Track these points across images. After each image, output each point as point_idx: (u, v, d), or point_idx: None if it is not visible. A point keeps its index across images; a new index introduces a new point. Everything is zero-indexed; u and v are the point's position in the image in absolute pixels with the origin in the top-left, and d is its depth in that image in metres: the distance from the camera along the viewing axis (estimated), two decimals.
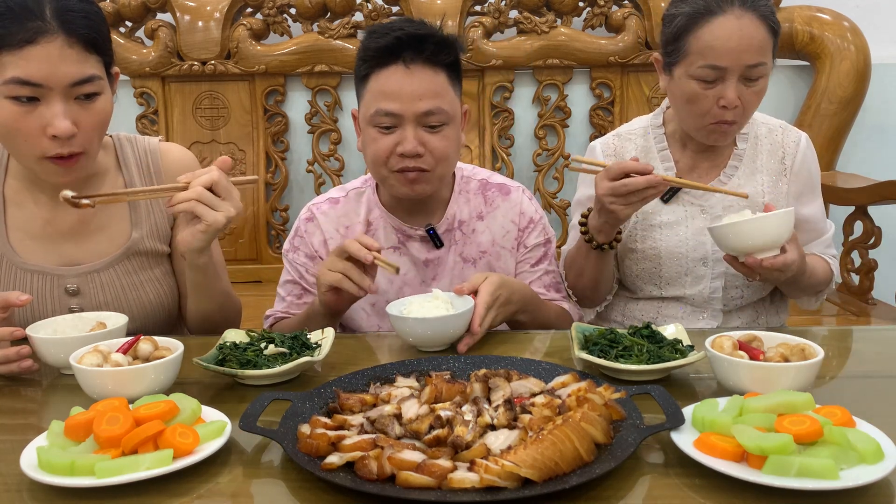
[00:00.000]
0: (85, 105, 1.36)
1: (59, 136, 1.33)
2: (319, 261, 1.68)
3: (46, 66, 1.30)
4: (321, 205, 1.73)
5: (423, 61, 1.52)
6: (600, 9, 2.91)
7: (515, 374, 1.15)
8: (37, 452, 0.96)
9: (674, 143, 1.77)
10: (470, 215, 1.71)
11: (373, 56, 1.53)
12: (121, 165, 1.58)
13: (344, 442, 0.96)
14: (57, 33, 1.30)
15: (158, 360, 1.17)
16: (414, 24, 1.56)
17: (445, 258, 1.69)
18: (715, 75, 1.57)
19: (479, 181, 1.74)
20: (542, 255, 1.74)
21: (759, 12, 1.56)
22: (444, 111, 1.54)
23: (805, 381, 1.10)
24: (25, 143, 1.36)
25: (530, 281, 1.72)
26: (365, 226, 1.70)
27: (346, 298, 1.50)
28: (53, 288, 1.50)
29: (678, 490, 0.92)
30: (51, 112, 1.33)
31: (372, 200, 1.70)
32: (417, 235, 1.68)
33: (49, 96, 1.32)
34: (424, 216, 1.69)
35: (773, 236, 1.46)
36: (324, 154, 3.02)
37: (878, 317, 2.58)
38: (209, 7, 2.87)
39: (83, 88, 1.34)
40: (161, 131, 2.95)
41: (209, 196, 1.32)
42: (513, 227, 1.72)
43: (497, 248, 1.71)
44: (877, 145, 3.09)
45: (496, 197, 1.73)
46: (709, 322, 1.77)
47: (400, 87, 1.51)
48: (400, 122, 1.53)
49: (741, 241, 1.46)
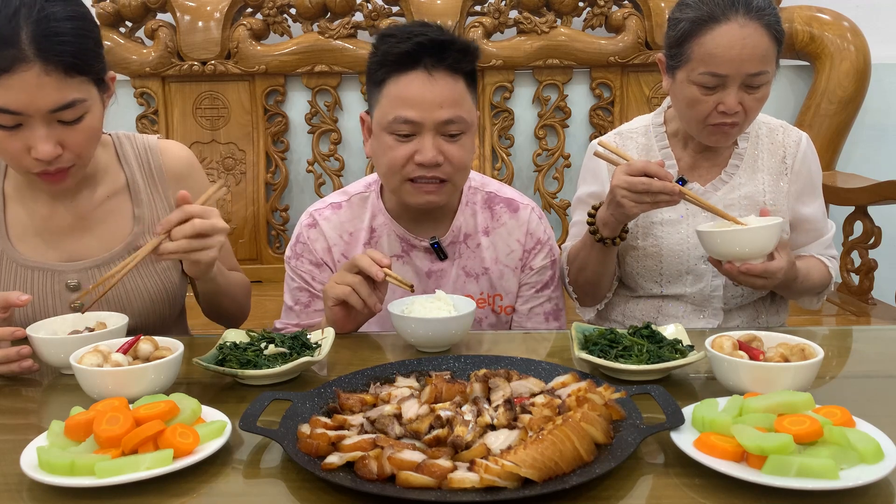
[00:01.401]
0: (70, 125, 1.34)
1: (42, 159, 1.33)
2: (325, 267, 1.66)
3: (24, 96, 1.28)
4: (323, 210, 1.69)
5: (444, 68, 1.48)
6: (600, 9, 2.91)
7: (515, 374, 1.15)
8: (37, 452, 0.96)
9: (675, 142, 1.77)
10: (476, 229, 1.68)
11: (393, 61, 1.49)
12: (121, 161, 1.58)
13: (344, 442, 0.96)
14: (33, 61, 1.26)
15: (158, 360, 1.17)
16: (433, 29, 1.51)
17: (449, 271, 1.67)
18: (716, 82, 1.57)
19: (486, 193, 1.71)
20: (549, 280, 1.72)
21: (763, 21, 1.55)
22: (463, 119, 1.51)
23: (805, 381, 1.10)
24: (12, 161, 1.37)
25: (532, 307, 1.71)
26: (368, 232, 1.67)
27: (353, 317, 1.49)
28: (54, 284, 1.50)
29: (678, 490, 0.92)
30: (33, 136, 1.31)
31: (376, 206, 1.67)
32: (422, 246, 1.65)
33: (30, 122, 1.31)
34: (430, 226, 1.66)
35: (758, 247, 1.48)
36: (324, 154, 3.02)
37: (878, 317, 2.58)
38: (209, 7, 2.87)
39: (64, 115, 1.32)
40: (161, 131, 2.95)
41: (197, 242, 1.33)
42: (518, 247, 1.69)
43: (500, 267, 1.69)
44: (877, 145, 3.09)
45: (503, 212, 1.70)
46: (709, 321, 1.77)
47: (421, 94, 1.47)
48: (419, 130, 1.49)
49: (726, 247, 1.48)
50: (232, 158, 2.99)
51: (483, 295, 1.69)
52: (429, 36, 1.48)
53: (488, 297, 1.70)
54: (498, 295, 1.70)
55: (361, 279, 1.42)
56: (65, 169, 1.38)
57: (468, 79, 1.53)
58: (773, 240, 1.48)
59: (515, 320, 1.73)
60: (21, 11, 1.27)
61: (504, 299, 1.71)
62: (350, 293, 1.42)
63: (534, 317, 1.72)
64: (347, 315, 1.48)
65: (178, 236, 1.32)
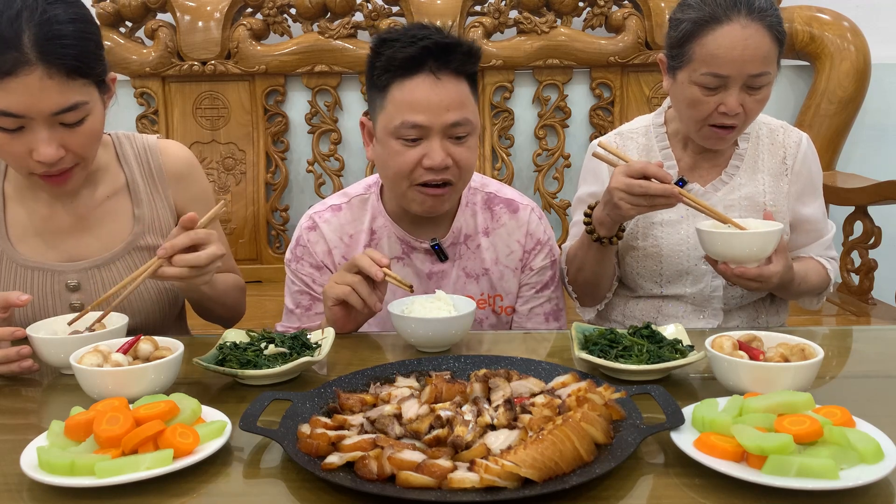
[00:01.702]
0: (72, 127, 1.34)
1: (44, 161, 1.33)
2: (326, 270, 1.66)
3: (26, 98, 1.28)
4: (323, 213, 1.68)
5: (450, 71, 1.47)
6: (600, 9, 2.91)
7: (515, 374, 1.15)
8: (37, 452, 0.96)
9: (675, 142, 1.77)
10: (476, 230, 1.68)
11: (398, 66, 1.47)
12: (121, 161, 1.58)
13: (344, 442, 0.96)
14: (35, 64, 1.26)
15: (158, 360, 1.17)
16: (435, 31, 1.49)
17: (449, 272, 1.67)
18: (717, 83, 1.57)
19: (486, 194, 1.71)
20: (549, 280, 1.72)
21: (765, 22, 1.55)
22: (469, 121, 1.50)
23: (805, 381, 1.10)
24: (15, 163, 1.38)
25: (532, 307, 1.72)
26: (368, 235, 1.66)
27: (353, 317, 1.49)
28: (54, 284, 1.50)
29: (678, 490, 0.92)
30: (35, 138, 1.32)
31: (376, 208, 1.67)
32: (422, 248, 1.65)
33: (32, 124, 1.31)
34: (430, 228, 1.66)
35: (755, 251, 1.48)
36: (324, 154, 3.02)
37: (878, 317, 2.58)
38: (209, 7, 2.87)
39: (66, 117, 1.32)
40: (161, 131, 2.95)
41: (195, 272, 1.32)
42: (518, 248, 1.69)
43: (500, 268, 1.69)
44: (877, 145, 3.09)
45: (503, 213, 1.70)
46: (709, 321, 1.77)
47: (428, 98, 1.46)
48: (426, 134, 1.48)
49: (724, 249, 1.48)
50: (232, 158, 2.99)
51: (483, 296, 1.69)
52: (433, 39, 1.46)
53: (489, 298, 1.70)
54: (498, 295, 1.70)
55: (361, 279, 1.42)
56: (67, 170, 1.38)
57: (471, 80, 1.53)
58: (771, 246, 1.48)
59: (515, 321, 1.73)
60: (23, 14, 1.27)
61: (504, 300, 1.71)
62: (350, 293, 1.42)
63: (534, 317, 1.72)
64: (347, 315, 1.48)
65: (179, 263, 1.31)
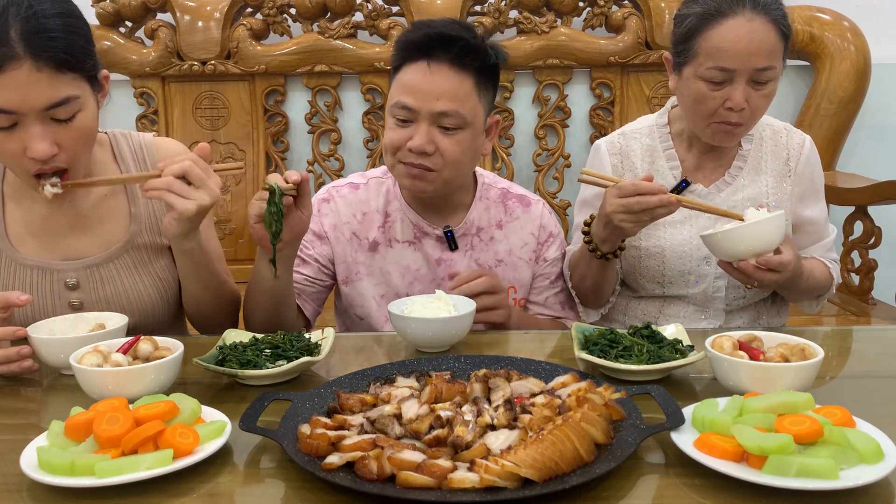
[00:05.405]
0: (64, 123, 1.34)
1: (38, 158, 1.32)
2: (326, 241, 1.71)
3: (16, 93, 1.27)
4: (342, 188, 1.75)
5: (448, 62, 1.53)
6: (600, 9, 2.90)
7: (515, 374, 1.15)
8: (37, 452, 0.96)
9: (679, 142, 1.77)
10: (489, 223, 1.74)
11: (402, 49, 1.57)
12: (117, 160, 1.58)
13: (344, 442, 0.96)
14: (24, 58, 1.26)
15: (158, 360, 1.17)
16: (451, 24, 1.57)
17: (459, 261, 1.71)
18: (723, 77, 1.57)
19: (499, 190, 1.77)
20: (561, 271, 1.78)
21: (770, 16, 1.55)
22: (460, 115, 1.55)
23: (805, 381, 1.10)
24: (11, 164, 1.38)
25: (547, 297, 1.77)
26: (383, 216, 1.72)
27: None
28: (53, 283, 1.50)
29: (678, 490, 0.92)
30: (28, 135, 1.31)
31: (392, 192, 1.73)
32: (434, 234, 1.70)
33: (25, 121, 1.30)
34: (443, 216, 1.71)
35: (765, 241, 1.47)
36: (324, 154, 3.02)
37: (878, 317, 2.58)
38: (209, 7, 2.87)
39: (58, 112, 1.31)
40: (161, 131, 2.95)
41: (179, 185, 1.33)
42: (532, 240, 1.75)
43: (514, 259, 1.74)
44: (877, 145, 3.09)
45: (516, 207, 1.76)
46: (711, 322, 1.77)
47: (420, 83, 1.54)
48: (415, 118, 1.55)
49: (733, 246, 1.48)
50: (232, 158, 2.98)
51: None
52: (438, 29, 1.54)
53: None
54: (512, 287, 1.74)
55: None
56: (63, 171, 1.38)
57: (480, 77, 1.56)
58: (780, 232, 1.47)
59: (532, 310, 1.78)
60: (10, 9, 1.27)
61: (518, 292, 1.75)
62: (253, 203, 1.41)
63: (551, 305, 1.78)
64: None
65: (166, 173, 1.32)
